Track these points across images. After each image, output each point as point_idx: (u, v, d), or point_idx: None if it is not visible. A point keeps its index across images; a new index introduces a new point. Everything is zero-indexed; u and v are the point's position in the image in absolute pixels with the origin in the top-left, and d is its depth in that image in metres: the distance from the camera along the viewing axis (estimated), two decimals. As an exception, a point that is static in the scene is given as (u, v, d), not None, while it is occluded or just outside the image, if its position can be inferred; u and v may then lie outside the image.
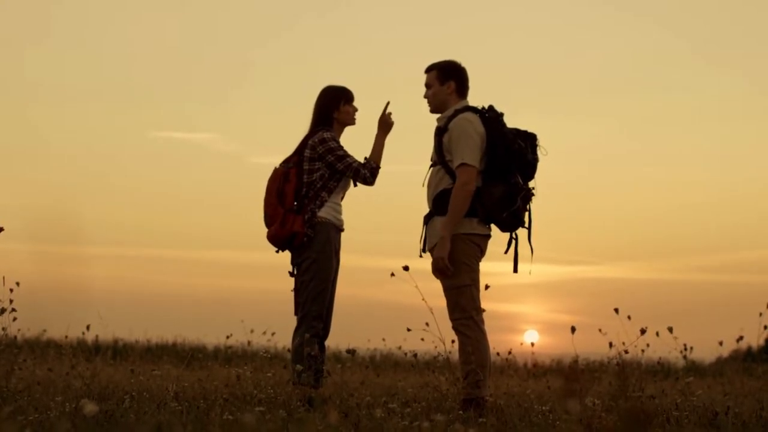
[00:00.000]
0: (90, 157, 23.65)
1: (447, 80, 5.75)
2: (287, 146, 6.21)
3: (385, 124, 6.17)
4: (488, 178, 5.57)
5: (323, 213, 5.96)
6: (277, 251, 6.05)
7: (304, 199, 5.99)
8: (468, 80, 5.81)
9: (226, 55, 24.87)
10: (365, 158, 6.08)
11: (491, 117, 5.61)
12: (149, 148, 24.08)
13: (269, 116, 24.12)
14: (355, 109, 6.19)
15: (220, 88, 25.11)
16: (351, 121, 6.19)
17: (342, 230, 6.11)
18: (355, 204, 6.29)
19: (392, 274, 5.65)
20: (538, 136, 5.71)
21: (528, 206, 5.67)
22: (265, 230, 6.05)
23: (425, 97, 5.83)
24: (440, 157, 5.64)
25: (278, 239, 5.97)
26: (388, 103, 6.20)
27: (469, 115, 5.61)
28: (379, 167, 6.09)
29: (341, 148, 6.04)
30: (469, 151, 5.50)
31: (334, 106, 6.12)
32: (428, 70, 5.84)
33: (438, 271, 5.53)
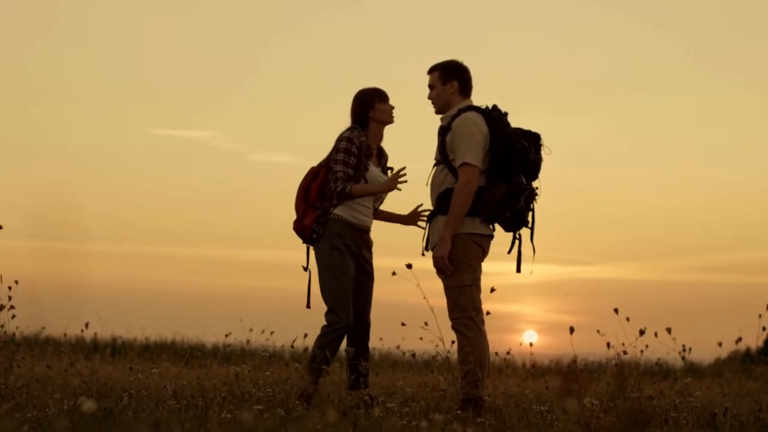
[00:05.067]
0: (91, 154, 23.62)
1: (449, 80, 5.75)
2: (287, 144, 6.24)
3: (389, 183, 5.98)
4: (491, 177, 5.57)
5: (338, 210, 5.96)
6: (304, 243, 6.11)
7: (325, 195, 6.03)
8: (471, 79, 5.80)
9: (227, 53, 24.84)
10: (351, 184, 5.93)
11: (495, 116, 5.61)
12: (150, 145, 24.03)
13: (269, 115, 24.09)
14: (392, 107, 6.12)
15: (221, 86, 25.07)
16: (389, 119, 6.13)
17: (362, 230, 6.08)
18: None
19: (393, 273, 5.66)
20: (542, 136, 5.72)
21: (531, 206, 5.67)
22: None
23: (429, 98, 5.83)
24: (444, 157, 5.64)
25: (296, 232, 6.07)
26: (403, 168, 5.93)
27: (472, 114, 5.61)
28: (352, 198, 5.95)
29: (347, 152, 5.95)
30: (472, 151, 5.50)
31: (368, 106, 6.07)
32: (431, 71, 5.84)
33: (438, 270, 5.54)
